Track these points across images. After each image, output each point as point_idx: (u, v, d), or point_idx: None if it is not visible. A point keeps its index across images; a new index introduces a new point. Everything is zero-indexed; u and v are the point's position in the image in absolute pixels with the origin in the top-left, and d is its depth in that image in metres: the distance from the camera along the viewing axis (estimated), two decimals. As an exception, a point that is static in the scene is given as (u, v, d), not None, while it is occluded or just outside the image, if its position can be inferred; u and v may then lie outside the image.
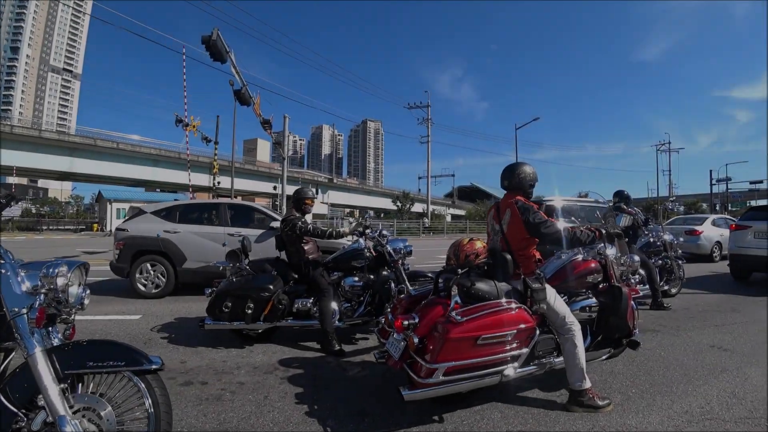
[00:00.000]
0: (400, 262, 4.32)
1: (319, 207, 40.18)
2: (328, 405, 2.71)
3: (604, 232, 2.81)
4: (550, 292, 2.70)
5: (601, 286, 3.12)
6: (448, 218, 53.41)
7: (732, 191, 42.21)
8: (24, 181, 78.07)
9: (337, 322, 4.09)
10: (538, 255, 2.86)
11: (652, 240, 6.20)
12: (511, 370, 2.52)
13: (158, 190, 47.85)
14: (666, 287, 6.19)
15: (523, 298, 2.64)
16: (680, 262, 6.32)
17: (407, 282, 4.24)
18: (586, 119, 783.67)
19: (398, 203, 42.54)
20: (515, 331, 2.46)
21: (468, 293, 2.59)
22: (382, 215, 57.55)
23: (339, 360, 3.66)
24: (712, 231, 11.50)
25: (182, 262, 6.57)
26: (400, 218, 38.40)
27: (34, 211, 58.84)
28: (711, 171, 39.44)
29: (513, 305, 2.54)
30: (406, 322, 2.53)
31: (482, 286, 2.62)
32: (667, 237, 6.25)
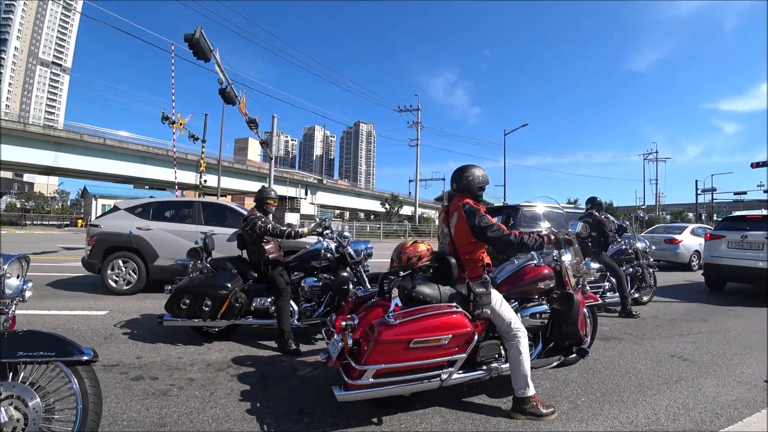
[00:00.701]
0: (360, 263, 4.30)
1: (307, 208, 39.99)
2: (271, 403, 2.71)
3: (553, 237, 2.75)
4: (496, 297, 2.65)
5: (555, 293, 3.07)
6: (437, 221, 53.44)
7: (717, 201, 42.80)
8: (9, 174, 76.78)
9: (295, 321, 4.13)
10: (487, 259, 2.80)
11: (624, 247, 6.19)
12: (449, 375, 2.48)
13: (147, 187, 47.29)
14: (636, 295, 6.17)
15: (468, 302, 2.57)
16: (652, 270, 6.32)
17: (367, 283, 4.21)
18: (578, 127, 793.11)
19: (387, 206, 42.61)
20: (451, 335, 2.41)
21: (408, 296, 2.56)
22: (372, 217, 57.52)
23: (293, 359, 3.66)
24: (691, 240, 11.57)
25: (154, 259, 6.58)
26: (388, 221, 38.44)
27: (18, 205, 57.76)
28: (696, 181, 40.16)
29: (451, 309, 2.49)
30: (344, 323, 2.51)
31: (423, 289, 2.58)
32: (640, 244, 6.24)
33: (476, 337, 2.53)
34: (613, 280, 5.69)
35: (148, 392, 2.83)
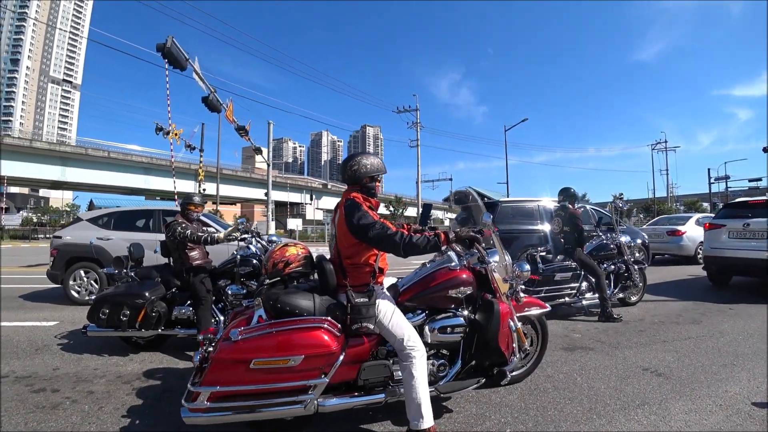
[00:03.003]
0: None
1: (312, 213, 39.79)
2: (152, 421, 2.53)
3: (452, 235, 2.21)
4: (385, 309, 2.18)
5: (481, 301, 2.54)
6: (446, 222, 52.80)
7: (732, 190, 40.72)
8: (25, 190, 78.76)
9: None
10: (381, 264, 2.29)
11: (604, 242, 5.53)
12: (309, 402, 2.07)
13: (158, 198, 47.74)
14: (621, 295, 5.53)
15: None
16: (638, 266, 5.64)
17: None
18: (587, 121, 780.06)
19: (391, 208, 42.36)
20: (303, 356, 1.99)
21: (274, 307, 2.17)
22: (379, 220, 57.37)
23: None
24: (696, 231, 10.67)
25: None
26: (392, 222, 38.18)
27: (35, 219, 59.07)
28: (709, 170, 38.42)
29: (311, 324, 2.07)
30: (201, 337, 2.31)
31: (291, 299, 2.17)
32: (624, 239, 5.57)
33: (341, 358, 2.10)
34: (592, 279, 5.08)
35: (39, 405, 2.75)
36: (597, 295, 5.00)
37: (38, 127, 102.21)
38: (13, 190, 73.19)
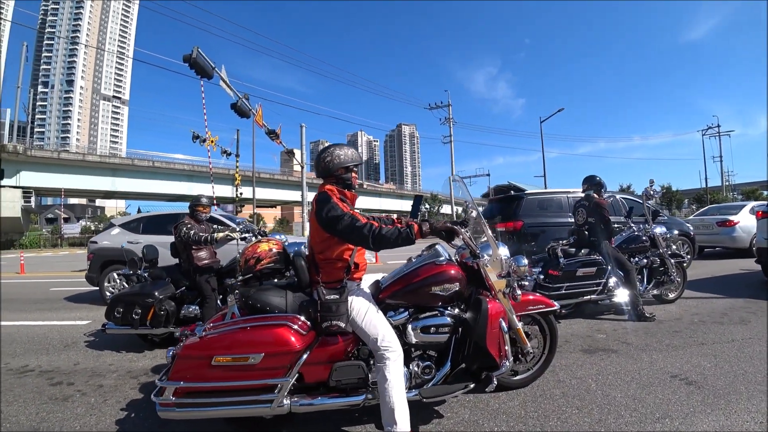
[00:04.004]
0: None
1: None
2: (144, 414, 2.62)
3: (427, 228, 2.00)
4: (359, 306, 2.07)
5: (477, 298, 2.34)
6: (482, 219, 51.83)
7: (798, 175, 36.92)
8: (83, 201, 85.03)
9: None
10: (356, 260, 2.16)
11: (636, 234, 5.05)
12: (276, 402, 1.99)
13: (203, 203, 50.04)
14: (656, 291, 5.03)
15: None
16: (676, 260, 5.09)
17: None
18: (631, 108, 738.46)
19: (426, 205, 42.10)
20: (263, 354, 1.94)
21: (246, 304, 2.15)
22: (415, 219, 57.55)
23: None
24: (750, 220, 9.58)
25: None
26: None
27: (93, 228, 63.68)
28: (769, 153, 35.03)
29: (272, 321, 2.02)
30: (178, 333, 2.40)
31: (263, 296, 2.14)
32: (658, 230, 5.07)
33: (305, 357, 2.01)
34: (621, 274, 4.65)
35: (53, 397, 2.94)
36: (627, 292, 4.57)
37: (93, 142, 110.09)
38: (73, 201, 79.30)
